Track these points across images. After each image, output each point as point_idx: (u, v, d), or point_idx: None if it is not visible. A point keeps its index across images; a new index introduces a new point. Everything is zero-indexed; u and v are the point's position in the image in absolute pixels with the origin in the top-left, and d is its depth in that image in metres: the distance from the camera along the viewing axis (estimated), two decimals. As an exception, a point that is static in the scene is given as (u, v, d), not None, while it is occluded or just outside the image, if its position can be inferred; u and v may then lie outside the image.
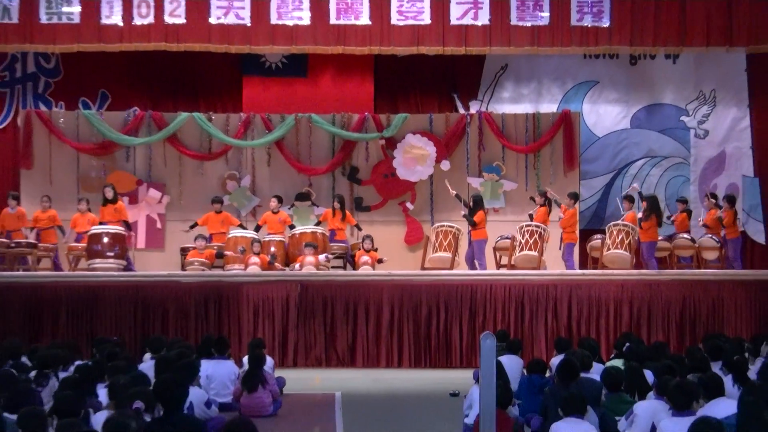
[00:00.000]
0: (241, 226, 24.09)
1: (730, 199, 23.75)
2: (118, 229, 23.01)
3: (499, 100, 26.88)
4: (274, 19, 23.53)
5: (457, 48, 23.85)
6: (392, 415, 16.16)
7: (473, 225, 22.90)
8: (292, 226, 23.86)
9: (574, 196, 23.72)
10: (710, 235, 23.64)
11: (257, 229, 23.78)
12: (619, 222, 23.23)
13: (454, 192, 23.90)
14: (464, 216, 23.23)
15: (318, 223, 24.05)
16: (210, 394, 14.54)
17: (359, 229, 24.42)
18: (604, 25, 23.72)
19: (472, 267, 22.99)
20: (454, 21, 23.63)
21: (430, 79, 26.77)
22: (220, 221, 23.85)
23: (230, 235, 23.24)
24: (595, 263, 23.50)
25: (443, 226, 23.71)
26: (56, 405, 9.77)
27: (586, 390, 11.28)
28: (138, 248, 25.00)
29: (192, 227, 23.88)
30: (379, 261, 23.25)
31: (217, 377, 15.83)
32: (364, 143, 25.69)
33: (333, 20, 23.61)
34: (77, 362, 14.49)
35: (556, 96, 26.97)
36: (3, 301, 21.30)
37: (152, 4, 23.39)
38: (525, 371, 15.19)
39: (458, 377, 18.84)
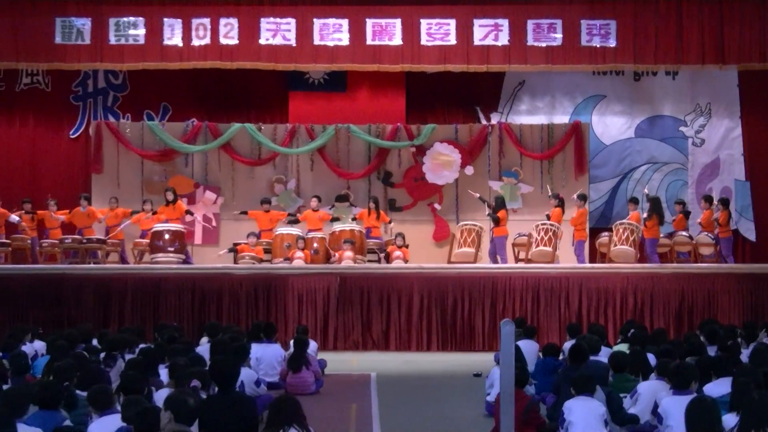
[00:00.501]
0: (290, 215, 24.18)
1: (724, 202, 23.64)
2: (178, 226, 23.08)
3: (517, 113, 26.77)
4: (317, 40, 23.56)
5: (479, 66, 23.84)
6: (422, 393, 16.13)
7: (496, 222, 22.82)
8: (334, 219, 23.91)
9: (583, 198, 23.63)
10: (706, 233, 23.51)
11: (296, 221, 23.88)
12: (624, 221, 23.16)
13: (478, 195, 23.92)
14: (488, 215, 23.18)
15: (353, 219, 24.07)
16: (259, 374, 14.52)
17: (391, 225, 24.42)
18: (611, 46, 23.65)
19: (493, 261, 22.91)
20: (477, 42, 23.62)
21: (455, 94, 26.69)
22: (268, 219, 23.88)
23: (277, 233, 23.24)
24: (603, 258, 23.40)
25: (467, 224, 23.79)
26: (123, 383, 9.79)
27: (595, 371, 11.23)
28: (195, 244, 25.07)
29: (243, 213, 24.23)
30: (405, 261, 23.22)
31: (266, 359, 15.81)
32: (396, 151, 25.65)
33: (369, 41, 23.63)
34: (141, 345, 14.57)
35: (567, 109, 26.83)
36: (76, 291, 21.39)
37: (209, 27, 23.48)
38: (540, 354, 15.11)
39: (481, 359, 18.86)
